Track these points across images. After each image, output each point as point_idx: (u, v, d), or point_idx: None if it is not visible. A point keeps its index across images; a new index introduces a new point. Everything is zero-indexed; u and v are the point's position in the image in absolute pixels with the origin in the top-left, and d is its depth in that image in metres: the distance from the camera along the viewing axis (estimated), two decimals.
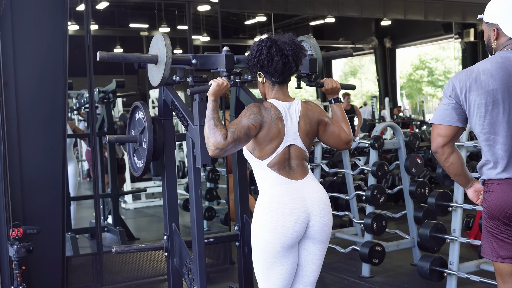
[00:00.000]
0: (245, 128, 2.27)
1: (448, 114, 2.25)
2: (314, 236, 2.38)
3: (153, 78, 2.65)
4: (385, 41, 18.45)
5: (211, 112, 2.31)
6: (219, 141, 2.24)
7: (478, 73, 2.20)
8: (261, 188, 2.38)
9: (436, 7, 11.97)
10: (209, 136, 2.27)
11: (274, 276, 2.35)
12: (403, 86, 29.05)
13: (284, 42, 2.32)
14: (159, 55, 2.54)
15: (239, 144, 2.29)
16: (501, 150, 2.18)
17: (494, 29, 2.27)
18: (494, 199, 2.21)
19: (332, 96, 2.60)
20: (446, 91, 2.28)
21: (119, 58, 2.56)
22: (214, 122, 2.28)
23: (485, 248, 2.30)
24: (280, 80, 2.37)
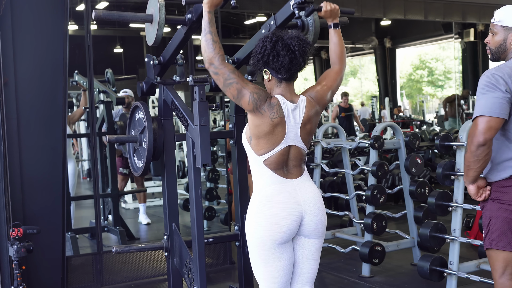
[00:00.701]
0: (242, 90, 2.27)
1: (504, 108, 2.30)
2: (307, 234, 2.39)
3: (149, 37, 2.66)
4: (385, 41, 18.44)
5: (207, 24, 2.30)
6: (216, 60, 2.27)
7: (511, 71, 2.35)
8: (256, 184, 2.38)
9: (436, 7, 11.96)
10: (206, 49, 2.28)
11: (272, 273, 2.36)
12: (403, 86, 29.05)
13: (290, 37, 2.29)
14: (154, 14, 2.55)
15: (226, 87, 2.28)
16: None
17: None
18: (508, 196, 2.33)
19: (332, 21, 2.51)
20: (496, 84, 2.32)
21: (114, 16, 2.58)
22: (211, 36, 2.28)
23: (502, 240, 2.40)
24: (287, 77, 2.33)
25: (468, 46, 15.18)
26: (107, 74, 5.88)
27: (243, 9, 11.83)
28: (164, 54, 2.85)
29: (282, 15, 2.50)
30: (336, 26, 2.52)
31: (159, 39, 2.56)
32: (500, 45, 2.48)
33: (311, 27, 2.65)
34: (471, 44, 15.10)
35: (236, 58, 2.84)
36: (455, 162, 3.80)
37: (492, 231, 2.44)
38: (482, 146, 2.32)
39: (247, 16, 15.78)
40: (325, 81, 2.47)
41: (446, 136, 4.04)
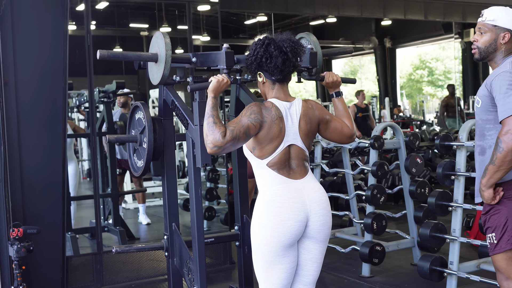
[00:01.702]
0: (244, 127, 2.27)
1: None
2: (313, 235, 2.38)
3: (153, 77, 2.65)
4: (385, 41, 18.43)
5: (210, 109, 2.30)
6: (218, 139, 2.24)
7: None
8: (260, 187, 2.38)
9: (436, 7, 11.95)
10: (208, 133, 2.26)
11: (274, 275, 2.35)
12: (403, 86, 29.04)
13: (282, 39, 2.32)
14: (159, 53, 2.54)
15: (238, 143, 2.29)
16: None
17: (506, 33, 2.46)
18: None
19: (334, 90, 2.58)
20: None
21: (119, 57, 2.56)
22: (213, 119, 2.27)
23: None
24: (280, 78, 2.36)
25: (468, 46, 15.15)
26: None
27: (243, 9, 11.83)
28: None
29: None
30: (338, 94, 2.59)
31: (165, 78, 2.54)
32: (490, 44, 2.51)
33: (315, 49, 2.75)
34: (471, 44, 15.07)
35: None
36: (455, 162, 3.80)
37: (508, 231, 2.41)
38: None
39: (247, 16, 15.77)
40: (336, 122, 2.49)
41: (446, 136, 4.04)
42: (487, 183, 2.42)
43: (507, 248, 2.43)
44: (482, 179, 2.44)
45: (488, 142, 2.49)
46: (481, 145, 2.54)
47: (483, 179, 2.44)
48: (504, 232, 2.43)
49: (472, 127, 3.86)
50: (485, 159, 2.49)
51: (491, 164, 2.39)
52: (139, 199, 6.68)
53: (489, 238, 2.48)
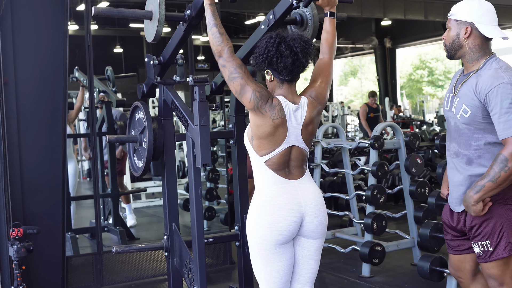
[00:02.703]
0: (246, 87, 2.27)
1: None
2: (308, 234, 2.40)
3: (148, 34, 2.65)
4: (385, 41, 18.45)
5: (211, 17, 2.31)
6: (225, 52, 2.28)
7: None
8: (258, 185, 2.38)
9: (436, 7, 11.96)
10: (214, 42, 2.30)
11: (272, 273, 2.36)
12: (403, 86, 29.04)
13: (292, 38, 2.29)
14: (154, 10, 2.55)
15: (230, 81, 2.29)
16: None
17: (467, 28, 2.35)
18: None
19: (329, 9, 2.50)
20: None
21: (114, 12, 2.57)
22: (218, 29, 2.30)
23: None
24: (289, 78, 2.33)
25: None
26: (107, 71, 5.88)
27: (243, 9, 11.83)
28: (164, 53, 2.85)
29: (281, 8, 2.50)
30: (332, 15, 2.50)
31: (159, 35, 2.55)
32: (454, 40, 2.42)
33: (310, 21, 2.66)
34: None
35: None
36: None
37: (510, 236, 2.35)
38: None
39: (247, 16, 15.79)
40: (321, 77, 2.45)
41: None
42: (481, 197, 2.33)
43: (504, 256, 2.36)
44: (474, 194, 2.33)
45: (475, 153, 2.39)
46: (467, 154, 2.42)
47: (476, 194, 2.33)
48: (500, 239, 2.36)
49: None
50: (472, 170, 2.40)
51: (491, 181, 2.28)
52: (123, 199, 6.52)
53: (482, 245, 2.39)
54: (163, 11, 2.49)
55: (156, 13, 2.51)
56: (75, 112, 6.12)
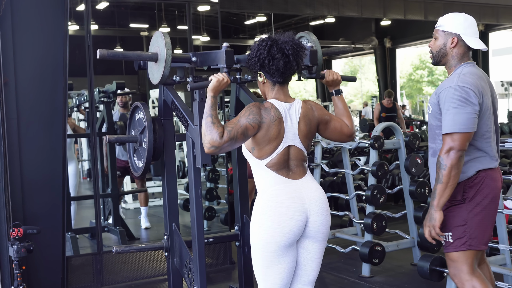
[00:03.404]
0: (242, 127, 2.27)
1: (475, 121, 2.48)
2: (313, 235, 2.38)
3: (153, 76, 2.65)
4: (385, 41, 18.44)
5: (209, 108, 2.30)
6: (215, 139, 2.24)
7: (478, 80, 2.54)
8: (259, 187, 2.38)
9: (436, 7, 11.96)
10: (206, 133, 2.27)
11: (273, 275, 2.35)
12: (403, 86, 29.03)
13: (284, 41, 2.31)
14: (159, 53, 2.54)
15: (236, 143, 2.29)
16: (495, 145, 2.61)
17: (454, 38, 2.60)
18: (493, 187, 2.54)
19: (333, 88, 2.59)
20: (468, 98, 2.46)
21: (119, 56, 2.56)
22: (211, 119, 2.27)
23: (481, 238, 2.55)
24: (281, 80, 2.37)
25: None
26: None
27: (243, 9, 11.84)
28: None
29: None
30: (338, 93, 2.59)
31: (165, 78, 2.54)
32: (441, 49, 2.64)
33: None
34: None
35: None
36: None
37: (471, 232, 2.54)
38: (462, 157, 2.47)
39: (247, 16, 15.78)
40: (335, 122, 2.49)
41: None
42: (438, 204, 2.50)
43: (462, 250, 2.54)
44: (433, 201, 2.51)
45: (439, 146, 2.59)
46: (433, 147, 2.65)
47: (434, 200, 2.51)
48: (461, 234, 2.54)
49: None
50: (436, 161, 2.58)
51: (439, 183, 2.49)
52: (141, 201, 6.52)
53: (445, 236, 2.58)
54: (169, 55, 2.48)
55: (163, 56, 2.49)
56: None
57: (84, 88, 6.39)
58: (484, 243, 2.57)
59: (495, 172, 2.58)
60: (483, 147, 2.55)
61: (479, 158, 2.54)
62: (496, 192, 2.57)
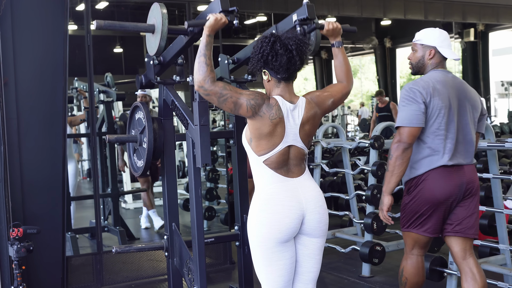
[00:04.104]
0: (238, 101, 2.28)
1: (421, 118, 2.76)
2: (310, 232, 2.40)
3: (150, 47, 2.65)
4: (385, 41, 18.44)
5: (204, 47, 2.29)
6: (206, 82, 2.26)
7: (434, 83, 2.81)
8: (257, 184, 2.39)
9: (436, 7, 11.95)
10: (198, 72, 2.27)
11: (274, 272, 2.36)
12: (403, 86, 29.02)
13: (287, 37, 2.30)
14: (156, 24, 2.54)
15: (222, 104, 2.29)
16: (450, 144, 2.79)
17: (431, 50, 2.90)
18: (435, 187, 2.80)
19: (334, 39, 2.53)
20: (414, 97, 2.77)
21: (116, 26, 2.55)
22: (205, 60, 2.27)
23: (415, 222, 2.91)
24: (286, 76, 2.35)
25: (468, 46, 15.17)
26: (106, 78, 5.84)
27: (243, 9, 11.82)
28: (164, 55, 2.85)
29: (284, 27, 2.51)
30: (339, 44, 2.55)
31: (161, 49, 2.54)
32: (419, 60, 2.95)
33: (312, 36, 2.66)
34: (471, 44, 15.10)
35: (236, 58, 2.84)
36: None
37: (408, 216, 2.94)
38: (407, 149, 2.77)
39: (247, 16, 15.77)
40: (329, 90, 2.51)
41: None
42: (386, 190, 2.87)
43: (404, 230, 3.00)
44: (383, 187, 2.88)
45: None
46: None
47: (383, 186, 2.89)
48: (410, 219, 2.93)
49: None
50: None
51: (386, 171, 2.86)
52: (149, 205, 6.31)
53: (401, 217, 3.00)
54: (166, 25, 2.47)
55: (159, 27, 2.49)
56: (81, 118, 6.08)
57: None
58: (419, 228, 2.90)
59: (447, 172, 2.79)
60: (435, 144, 2.79)
61: (429, 157, 2.80)
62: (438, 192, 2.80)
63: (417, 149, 2.84)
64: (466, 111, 2.84)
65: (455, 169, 2.80)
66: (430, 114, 2.77)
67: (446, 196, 2.80)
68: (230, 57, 2.84)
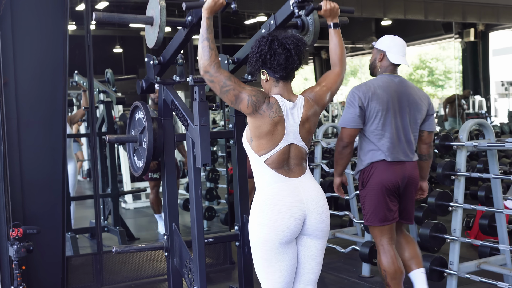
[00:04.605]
0: (240, 95, 2.28)
1: (357, 120, 3.09)
2: (311, 233, 2.39)
3: (149, 40, 2.65)
4: None
5: (205, 31, 2.29)
6: (212, 67, 2.26)
7: (375, 88, 3.10)
8: (258, 184, 2.38)
9: (436, 7, 11.95)
10: (202, 56, 2.26)
11: (275, 273, 2.35)
12: None
13: (285, 36, 2.31)
14: (155, 16, 2.54)
15: (223, 94, 2.29)
16: (388, 143, 3.09)
17: (381, 54, 3.21)
18: (381, 176, 3.10)
19: (331, 20, 2.53)
20: (353, 101, 3.09)
21: (114, 18, 2.56)
22: (209, 43, 2.27)
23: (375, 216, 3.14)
24: (284, 75, 2.35)
25: (468, 46, 15.16)
26: (107, 74, 5.87)
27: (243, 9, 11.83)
28: (164, 54, 2.85)
29: (282, 14, 2.50)
30: (336, 26, 2.53)
31: (160, 41, 2.55)
32: (372, 62, 3.26)
33: (311, 26, 2.66)
34: (471, 44, 15.10)
35: (236, 58, 2.84)
36: (455, 162, 3.80)
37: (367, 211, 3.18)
38: (346, 147, 3.17)
39: (247, 16, 15.77)
40: (325, 82, 2.49)
41: (446, 136, 4.03)
42: (335, 173, 3.32)
43: (374, 225, 3.16)
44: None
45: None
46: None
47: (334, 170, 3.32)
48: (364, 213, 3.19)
49: (472, 127, 3.86)
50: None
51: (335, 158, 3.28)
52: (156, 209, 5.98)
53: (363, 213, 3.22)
54: (164, 17, 2.48)
55: (157, 19, 2.50)
56: (80, 115, 6.07)
57: None
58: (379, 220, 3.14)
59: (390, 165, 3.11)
60: (375, 142, 3.11)
61: (372, 151, 3.13)
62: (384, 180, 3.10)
63: (364, 144, 3.18)
64: (406, 114, 3.13)
65: (395, 163, 3.11)
66: (368, 116, 3.09)
67: (392, 184, 3.10)
68: (230, 57, 2.84)
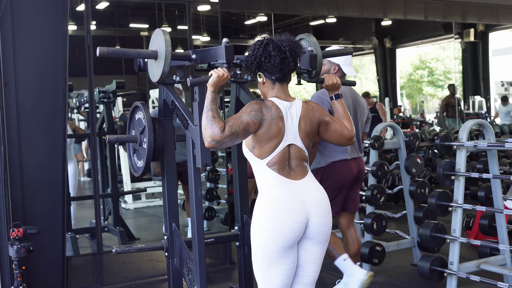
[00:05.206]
0: (244, 123, 2.27)
1: None
2: (313, 236, 2.38)
3: (153, 74, 2.65)
4: (385, 41, 18.42)
5: (209, 103, 2.30)
6: (216, 133, 2.24)
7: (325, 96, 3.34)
8: (260, 187, 2.38)
9: (436, 7, 11.94)
10: (207, 127, 2.26)
11: (274, 276, 2.35)
12: (403, 86, 29.02)
13: (280, 39, 2.34)
14: (159, 50, 2.54)
15: (236, 139, 2.29)
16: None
17: (335, 67, 3.54)
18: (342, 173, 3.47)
19: (333, 93, 2.62)
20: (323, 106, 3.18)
21: (118, 54, 2.56)
22: (212, 113, 2.27)
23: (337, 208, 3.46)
24: (280, 76, 2.36)
25: (468, 46, 15.16)
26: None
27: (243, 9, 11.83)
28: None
29: None
30: (338, 97, 2.62)
31: (165, 76, 2.54)
32: (325, 73, 3.47)
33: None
34: (471, 44, 15.09)
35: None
36: (455, 162, 3.80)
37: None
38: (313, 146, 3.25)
39: (247, 16, 15.78)
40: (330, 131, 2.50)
41: (446, 136, 4.04)
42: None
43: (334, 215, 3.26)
44: None
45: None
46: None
47: None
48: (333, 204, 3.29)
49: (472, 127, 3.86)
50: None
51: None
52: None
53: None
54: (169, 54, 2.47)
55: (162, 53, 2.49)
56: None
57: (84, 88, 6.38)
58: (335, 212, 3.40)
59: (348, 162, 3.50)
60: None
61: (333, 151, 3.45)
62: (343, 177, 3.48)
63: (326, 143, 3.40)
64: (357, 116, 3.55)
65: (352, 160, 3.51)
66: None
67: (348, 181, 3.50)
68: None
